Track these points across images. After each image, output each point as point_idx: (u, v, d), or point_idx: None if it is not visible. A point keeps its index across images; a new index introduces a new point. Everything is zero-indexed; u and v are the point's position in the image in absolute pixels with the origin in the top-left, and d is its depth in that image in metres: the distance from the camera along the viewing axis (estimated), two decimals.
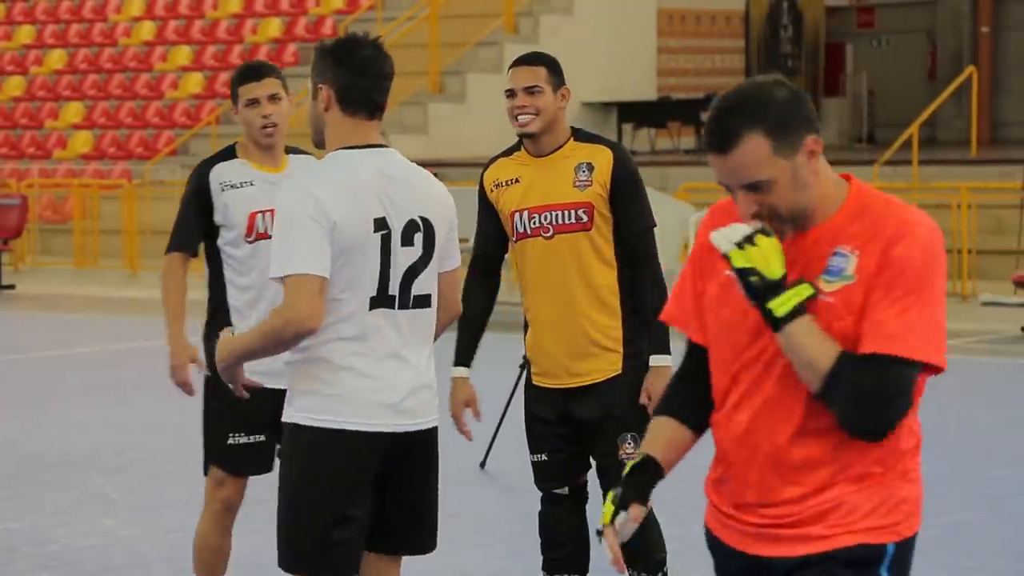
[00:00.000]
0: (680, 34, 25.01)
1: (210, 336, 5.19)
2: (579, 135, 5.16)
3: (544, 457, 5.21)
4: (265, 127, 5.28)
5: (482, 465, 8.34)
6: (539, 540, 5.25)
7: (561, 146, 5.10)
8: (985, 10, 26.48)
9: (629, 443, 5.09)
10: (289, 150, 5.49)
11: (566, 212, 5.05)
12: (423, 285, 4.14)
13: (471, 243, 5.45)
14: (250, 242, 5.23)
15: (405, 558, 4.30)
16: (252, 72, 5.30)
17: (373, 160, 4.09)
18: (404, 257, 4.09)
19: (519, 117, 5.05)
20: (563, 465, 5.11)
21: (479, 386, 5.32)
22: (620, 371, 5.08)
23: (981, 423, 9.72)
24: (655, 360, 5.06)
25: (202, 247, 5.38)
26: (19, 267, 19.69)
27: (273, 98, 5.29)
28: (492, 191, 5.24)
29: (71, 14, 25.69)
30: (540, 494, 5.25)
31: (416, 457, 4.18)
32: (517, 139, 5.18)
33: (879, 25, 28.08)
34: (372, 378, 4.07)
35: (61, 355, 12.96)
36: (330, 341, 4.04)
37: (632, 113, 23.15)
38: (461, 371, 5.25)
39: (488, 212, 5.29)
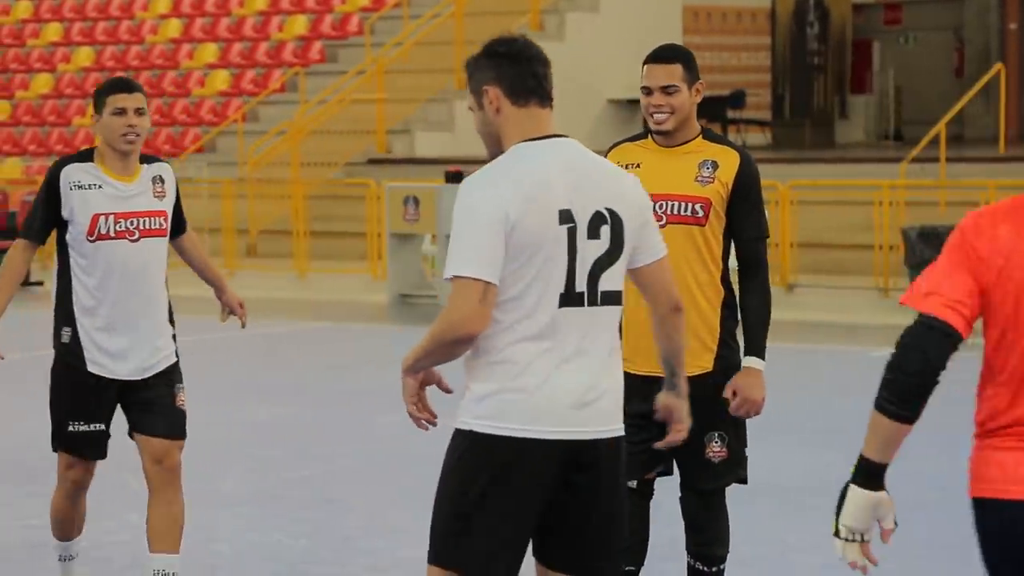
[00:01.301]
0: (706, 31, 24.94)
1: (58, 324, 5.69)
2: (707, 134, 5.18)
3: None
4: (126, 135, 5.65)
5: None
6: None
7: (689, 140, 5.12)
8: (1013, 6, 26.32)
9: (716, 442, 5.06)
10: (144, 159, 5.79)
11: (683, 204, 5.04)
12: (611, 280, 3.91)
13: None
14: (91, 241, 5.61)
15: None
16: (122, 85, 5.73)
17: (554, 151, 3.92)
18: (591, 251, 3.88)
19: (654, 115, 5.06)
20: (636, 458, 4.91)
21: None
22: (710, 369, 5.04)
23: None
24: (749, 362, 5.03)
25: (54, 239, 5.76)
26: (48, 264, 19.74)
27: (138, 111, 5.67)
28: None
29: (98, 12, 25.77)
30: None
31: (600, 466, 3.89)
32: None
33: (906, 22, 27.95)
34: (557, 381, 3.84)
35: None
36: (513, 342, 3.83)
37: None
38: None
39: None
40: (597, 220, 3.89)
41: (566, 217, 3.84)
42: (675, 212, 5.05)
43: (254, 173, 20.73)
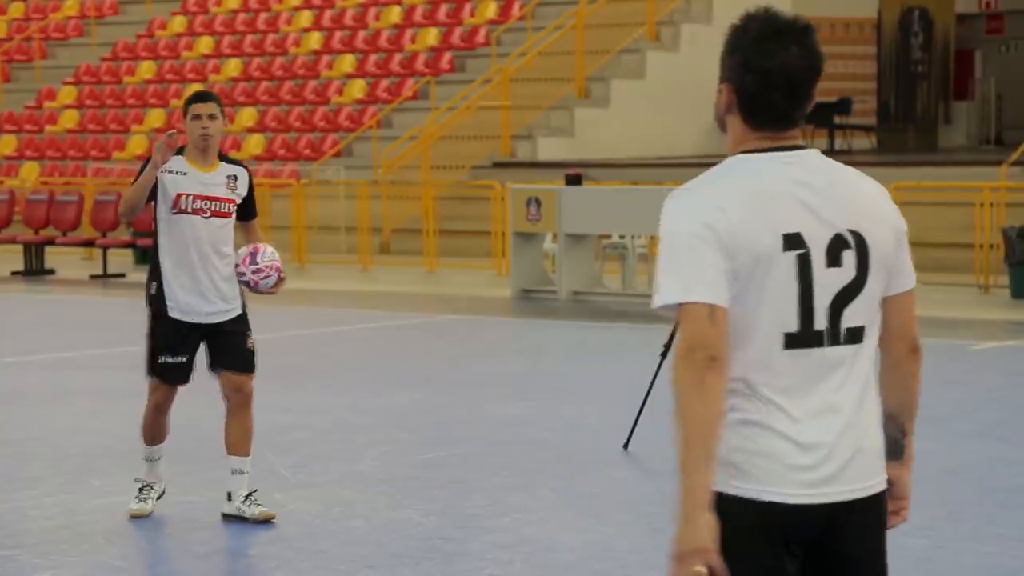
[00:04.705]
0: None
1: (148, 280, 6.83)
2: None
3: None
4: (202, 135, 6.74)
5: (625, 447, 8.33)
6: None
7: None
8: None
9: None
10: (224, 158, 6.88)
11: None
12: (857, 315, 3.08)
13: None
14: (174, 214, 6.74)
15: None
16: (199, 96, 6.81)
17: (784, 163, 3.11)
18: (831, 281, 3.06)
19: None
20: None
21: (622, 375, 5.31)
22: None
23: None
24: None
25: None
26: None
27: (211, 117, 6.75)
28: None
29: (246, 26, 26.12)
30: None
31: (853, 530, 3.09)
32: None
33: (1008, 31, 27.42)
34: (791, 436, 3.03)
35: None
36: (735, 392, 3.04)
37: None
38: None
39: None
40: (838, 244, 3.08)
41: (794, 242, 3.04)
42: None
43: (387, 176, 20.90)
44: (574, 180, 16.07)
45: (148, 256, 7.46)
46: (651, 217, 19.86)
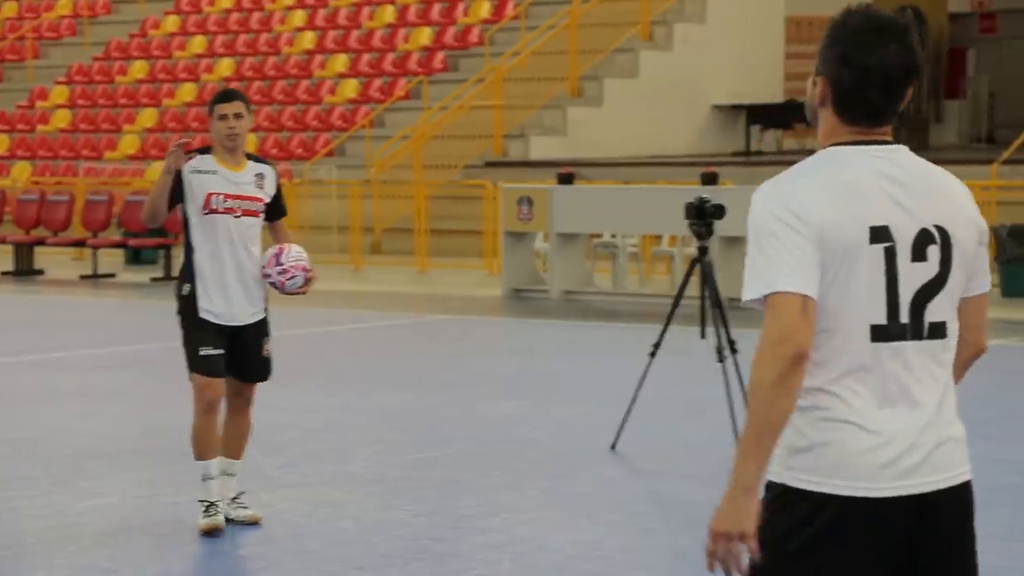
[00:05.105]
0: (807, 40, 24.65)
1: (180, 281, 6.71)
2: None
3: None
4: (229, 135, 6.67)
5: (613, 447, 8.30)
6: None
7: None
8: None
9: None
10: (251, 157, 6.82)
11: None
12: (939, 310, 3.09)
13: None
14: (205, 214, 6.63)
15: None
16: (224, 96, 6.74)
17: (873, 157, 3.11)
18: (915, 275, 3.06)
19: None
20: None
21: (612, 374, 5.28)
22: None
23: None
24: None
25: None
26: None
27: (237, 116, 6.67)
28: None
29: (239, 25, 26.08)
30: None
31: (942, 521, 3.09)
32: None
33: (1001, 30, 27.43)
34: (874, 429, 3.03)
35: None
36: (818, 389, 3.03)
37: (760, 115, 22.90)
38: None
39: None
40: (924, 239, 3.09)
41: (880, 235, 3.05)
42: None
43: (380, 175, 20.86)
44: (566, 179, 16.04)
45: (140, 257, 7.45)
46: (642, 216, 19.80)
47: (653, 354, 8.34)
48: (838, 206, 3.03)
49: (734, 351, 8.16)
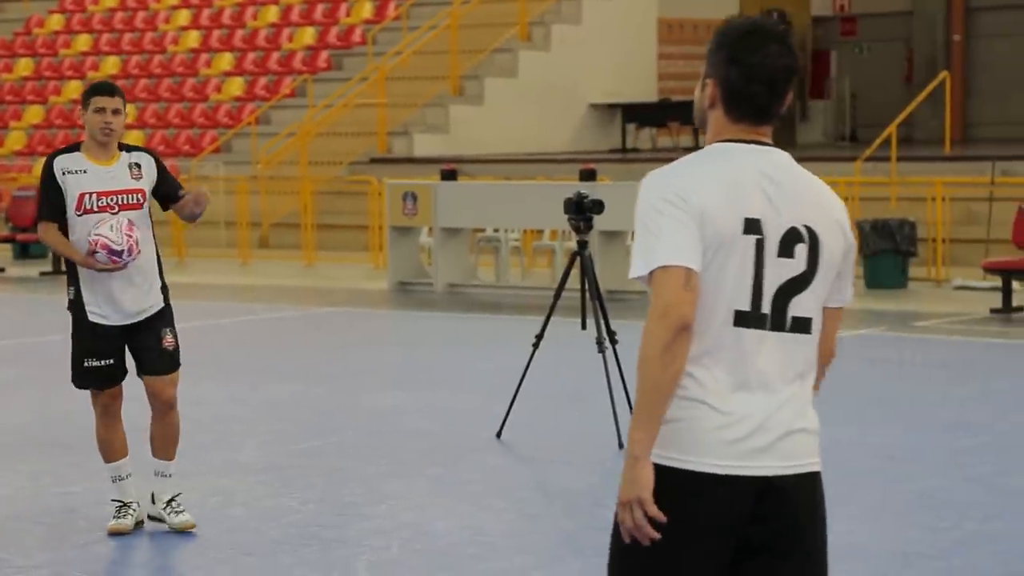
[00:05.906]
0: (679, 41, 24.93)
1: (67, 285, 6.34)
2: None
3: None
4: (103, 129, 6.24)
5: (498, 435, 8.34)
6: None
7: None
8: (957, 20, 26.37)
9: None
10: (124, 147, 6.36)
11: None
12: (803, 307, 3.14)
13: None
14: (79, 215, 6.24)
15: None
16: (104, 88, 6.34)
17: (753, 155, 3.19)
18: (782, 270, 3.13)
19: None
20: None
21: (497, 365, 5.31)
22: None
23: (953, 396, 9.70)
24: None
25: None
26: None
27: (115, 112, 6.26)
28: None
29: (124, 24, 25.70)
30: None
31: (785, 509, 3.11)
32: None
33: (861, 34, 27.96)
34: (726, 411, 3.08)
35: None
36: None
37: (635, 114, 23.09)
38: None
39: None
40: (792, 238, 3.16)
41: (752, 227, 3.12)
42: None
43: (266, 171, 20.71)
44: (449, 175, 16.05)
45: (28, 252, 7.27)
46: (524, 211, 19.88)
47: (536, 345, 8.39)
48: (719, 194, 3.11)
49: (613, 342, 8.23)
